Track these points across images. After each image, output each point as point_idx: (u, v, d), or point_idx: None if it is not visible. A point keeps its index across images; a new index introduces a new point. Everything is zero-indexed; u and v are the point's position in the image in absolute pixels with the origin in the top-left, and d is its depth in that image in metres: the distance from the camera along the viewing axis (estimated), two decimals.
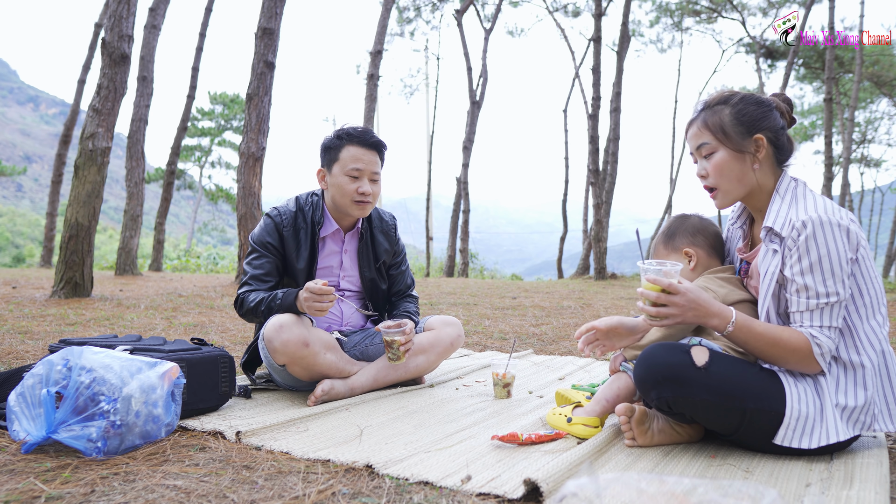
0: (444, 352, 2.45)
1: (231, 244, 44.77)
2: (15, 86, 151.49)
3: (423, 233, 24.81)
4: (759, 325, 1.56)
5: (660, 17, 22.48)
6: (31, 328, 3.76)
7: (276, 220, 2.34)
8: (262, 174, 7.87)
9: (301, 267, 2.33)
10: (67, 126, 14.36)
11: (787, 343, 1.52)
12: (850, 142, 17.65)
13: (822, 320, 1.51)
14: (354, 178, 2.29)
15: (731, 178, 1.65)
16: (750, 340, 1.56)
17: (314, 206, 2.39)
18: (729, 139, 1.64)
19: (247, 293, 2.27)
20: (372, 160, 2.32)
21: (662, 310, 1.55)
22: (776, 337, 1.54)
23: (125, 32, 6.02)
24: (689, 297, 1.54)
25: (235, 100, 37.49)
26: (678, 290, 1.53)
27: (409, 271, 2.65)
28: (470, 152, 16.70)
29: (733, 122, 1.64)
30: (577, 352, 1.86)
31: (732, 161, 1.64)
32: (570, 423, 1.76)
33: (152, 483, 1.34)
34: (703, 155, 1.69)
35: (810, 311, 1.52)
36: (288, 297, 2.16)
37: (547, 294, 7.71)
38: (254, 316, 2.25)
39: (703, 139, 1.67)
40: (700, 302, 1.54)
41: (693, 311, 1.54)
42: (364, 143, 2.31)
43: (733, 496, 0.92)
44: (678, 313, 1.55)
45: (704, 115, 1.69)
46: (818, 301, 1.51)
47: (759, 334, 1.55)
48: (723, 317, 1.55)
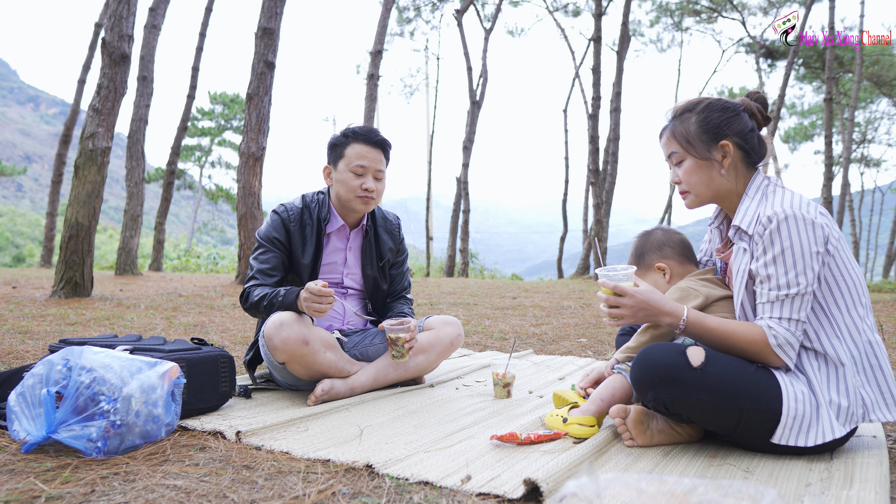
0: (444, 351, 2.45)
1: (231, 244, 44.77)
2: (15, 85, 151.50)
3: (423, 233, 24.81)
4: (712, 320, 1.61)
5: (660, 16, 22.49)
6: (31, 328, 3.76)
7: (282, 216, 2.37)
8: (262, 174, 7.88)
9: (306, 262, 2.36)
10: (67, 126, 14.36)
11: (742, 336, 1.56)
12: (850, 142, 17.66)
13: (781, 311, 1.53)
14: (359, 174, 2.32)
15: (699, 184, 1.71)
16: (704, 335, 1.61)
17: (320, 204, 2.42)
18: (694, 148, 1.69)
19: (252, 287, 2.29)
20: (376, 158, 2.35)
21: (613, 311, 1.66)
22: (730, 331, 1.58)
23: (125, 32, 6.02)
24: (638, 298, 1.62)
25: (235, 100, 37.50)
26: (626, 292, 1.63)
27: (408, 274, 2.68)
28: (470, 152, 16.70)
29: (698, 130, 1.68)
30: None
31: (699, 169, 1.69)
32: (566, 423, 1.76)
33: (152, 483, 1.34)
34: (674, 162, 1.75)
35: (770, 303, 1.54)
36: (290, 295, 2.17)
37: (547, 294, 7.71)
38: (256, 311, 2.27)
39: (672, 148, 1.74)
40: (650, 302, 1.62)
41: (644, 311, 1.63)
42: (369, 141, 2.34)
43: (733, 496, 0.92)
44: (629, 314, 1.64)
45: (672, 125, 1.74)
46: (779, 292, 1.53)
47: (711, 329, 1.60)
48: (674, 315, 1.62)
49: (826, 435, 1.50)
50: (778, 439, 1.51)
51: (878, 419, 1.56)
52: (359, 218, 2.47)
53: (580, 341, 3.90)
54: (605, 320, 1.69)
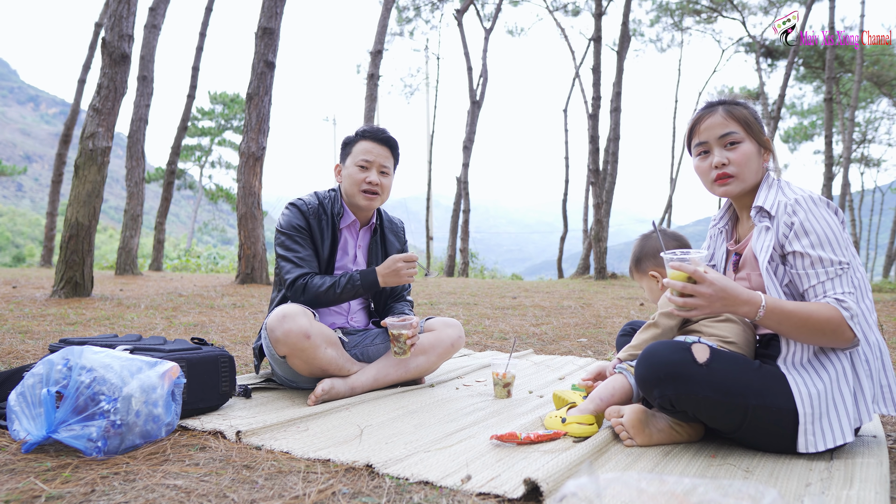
0: (445, 353, 2.45)
1: (231, 244, 44.77)
2: (15, 85, 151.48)
3: (424, 232, 24.81)
4: (789, 304, 1.54)
5: (660, 16, 22.49)
6: (32, 328, 3.76)
7: (301, 207, 2.41)
8: (262, 174, 7.88)
9: (325, 256, 2.40)
10: (68, 126, 14.37)
11: (820, 316, 1.51)
12: (851, 141, 17.65)
13: (843, 286, 1.54)
14: (363, 167, 2.39)
15: (751, 169, 1.70)
16: (783, 321, 1.52)
17: (333, 200, 2.47)
18: (754, 133, 1.71)
19: (307, 277, 2.30)
20: (382, 154, 2.42)
21: (689, 300, 1.50)
22: (808, 312, 1.51)
23: (125, 32, 6.02)
24: (717, 286, 1.48)
25: (235, 99, 37.50)
26: (704, 278, 1.48)
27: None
28: (470, 152, 16.70)
29: (754, 118, 1.72)
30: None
31: (755, 154, 1.71)
32: (565, 423, 1.76)
33: (152, 483, 1.34)
34: (726, 143, 1.71)
35: (831, 280, 1.54)
36: (369, 275, 2.29)
37: (547, 294, 7.71)
38: (324, 300, 2.29)
39: (730, 128, 1.71)
40: (728, 290, 1.49)
41: (721, 301, 1.49)
42: (376, 139, 2.42)
43: (733, 496, 0.92)
44: (706, 304, 1.49)
45: (726, 107, 1.73)
46: (833, 268, 1.54)
47: (790, 313, 1.51)
48: (753, 303, 1.51)
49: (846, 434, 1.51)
50: (803, 448, 1.51)
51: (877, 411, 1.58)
52: (368, 216, 2.51)
53: (580, 341, 3.90)
54: (674, 309, 1.56)
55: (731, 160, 1.70)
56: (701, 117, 1.75)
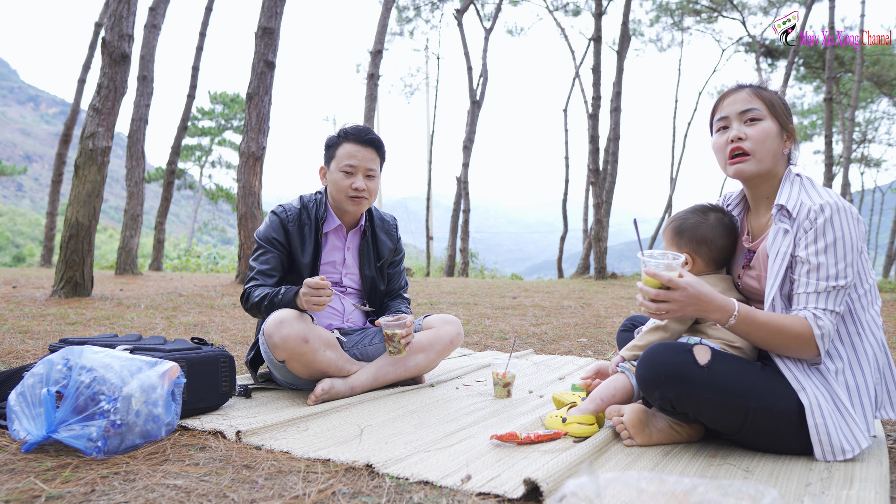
0: (444, 350, 2.45)
1: (231, 244, 44.76)
2: (15, 85, 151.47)
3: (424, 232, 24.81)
4: (762, 314, 1.56)
5: (660, 16, 22.47)
6: (32, 327, 3.76)
7: (280, 216, 2.39)
8: (262, 174, 7.88)
9: (306, 262, 2.37)
10: (68, 125, 14.35)
11: (790, 329, 1.52)
12: (851, 141, 17.65)
13: (826, 303, 1.53)
14: (348, 173, 2.34)
15: (768, 149, 1.66)
16: (752, 331, 1.55)
17: (318, 203, 2.45)
18: (778, 114, 1.68)
19: (252, 288, 2.31)
20: (367, 157, 2.35)
21: (661, 306, 1.53)
22: (779, 325, 1.53)
23: (125, 32, 6.02)
24: (690, 292, 1.51)
25: (235, 99, 37.48)
26: (678, 285, 1.50)
27: (405, 275, 2.70)
28: (470, 152, 16.70)
29: (781, 103, 1.70)
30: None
31: (775, 134, 1.67)
32: (566, 423, 1.76)
33: (152, 482, 1.34)
34: (746, 119, 1.68)
35: (817, 293, 1.53)
36: (288, 293, 2.19)
37: (547, 294, 7.71)
38: (257, 311, 2.28)
39: (753, 104, 1.68)
40: (701, 296, 1.51)
41: (693, 306, 1.53)
42: (360, 141, 2.35)
43: (733, 496, 0.92)
44: (677, 308, 1.52)
45: (753, 88, 1.72)
46: (827, 283, 1.52)
47: (762, 324, 1.54)
48: (725, 310, 1.54)
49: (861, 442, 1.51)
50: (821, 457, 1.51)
51: (883, 416, 1.59)
52: (355, 218, 2.48)
53: (580, 341, 3.90)
54: (645, 312, 1.57)
55: (749, 135, 1.66)
56: (726, 94, 1.74)
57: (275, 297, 2.20)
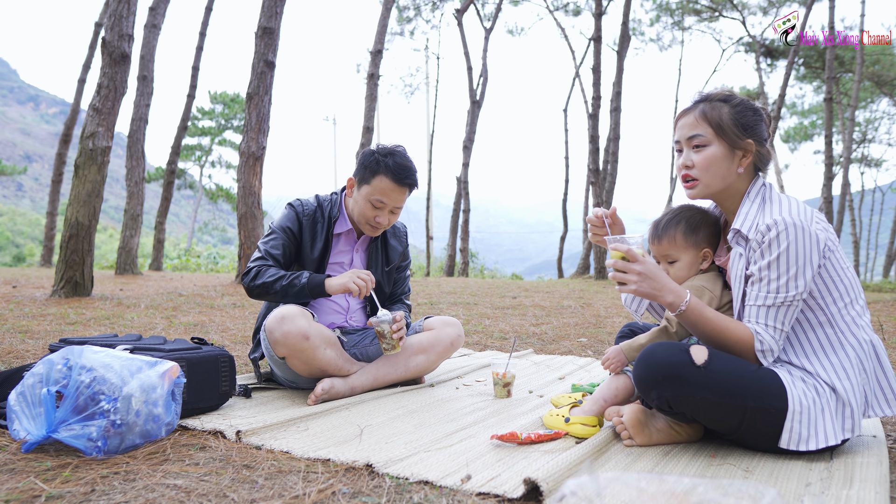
0: (444, 351, 2.45)
1: (231, 243, 44.76)
2: (15, 85, 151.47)
3: (424, 232, 24.81)
4: (710, 311, 1.61)
5: (660, 15, 22.46)
6: (32, 327, 3.76)
7: (297, 209, 2.42)
8: (262, 173, 7.87)
9: (314, 258, 2.39)
10: (68, 125, 14.35)
11: (732, 334, 1.58)
12: (851, 141, 17.65)
13: (768, 319, 1.55)
14: (376, 207, 2.34)
15: (715, 174, 1.67)
16: (699, 323, 1.61)
17: (333, 204, 2.46)
18: (725, 136, 1.65)
19: (263, 267, 2.30)
20: (399, 197, 2.35)
21: (620, 275, 1.61)
22: (723, 326, 1.59)
23: (125, 32, 6.02)
24: (648, 267, 1.59)
25: (236, 99, 37.47)
26: (637, 258, 1.59)
27: (409, 282, 2.71)
28: (470, 152, 16.70)
29: (732, 121, 1.65)
30: (592, 239, 1.88)
31: (722, 158, 1.66)
32: (568, 422, 1.76)
33: (152, 482, 1.34)
34: (693, 145, 1.69)
35: (758, 307, 1.56)
36: (315, 277, 2.22)
37: (547, 293, 7.71)
38: (266, 291, 2.26)
39: (698, 130, 1.68)
40: (657, 276, 1.60)
41: (649, 283, 1.59)
42: (398, 180, 2.32)
43: (733, 495, 0.92)
44: (635, 281, 1.59)
45: (703, 108, 1.69)
46: (768, 296, 1.54)
47: (707, 319, 1.60)
48: (678, 295, 1.60)
49: (829, 439, 1.51)
50: (786, 444, 1.52)
51: (875, 415, 1.59)
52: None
53: (580, 341, 3.90)
54: (616, 288, 1.66)
55: (695, 163, 1.67)
56: (680, 114, 1.75)
57: (296, 279, 2.21)
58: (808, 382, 1.55)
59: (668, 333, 1.76)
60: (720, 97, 1.69)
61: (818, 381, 1.55)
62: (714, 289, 1.74)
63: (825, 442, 1.51)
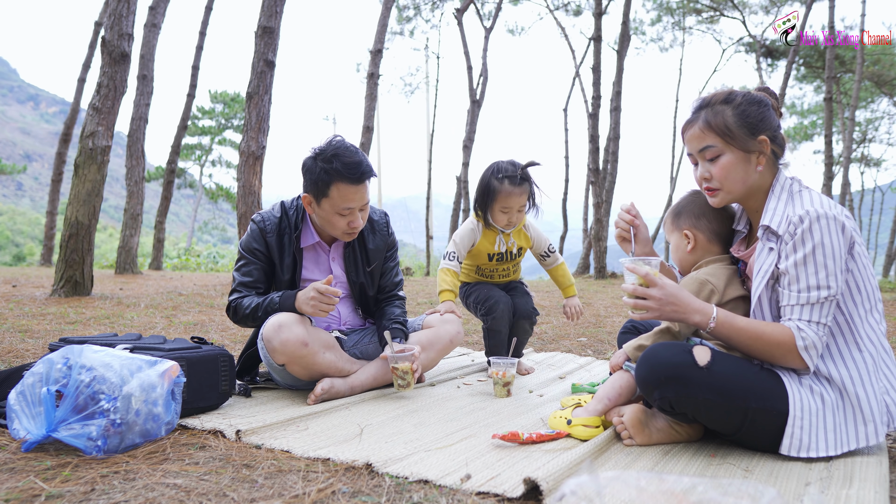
0: (444, 349, 2.45)
1: (231, 243, 44.77)
2: (15, 84, 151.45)
3: (424, 232, 24.81)
4: (742, 319, 1.57)
5: (661, 15, 22.45)
6: (32, 327, 3.76)
7: (259, 225, 2.30)
8: (262, 173, 7.87)
9: (285, 279, 2.30)
10: (67, 125, 14.34)
11: (771, 337, 1.53)
12: (851, 141, 17.65)
13: (811, 315, 1.51)
14: (346, 215, 2.21)
15: (735, 181, 1.63)
16: (733, 336, 1.56)
17: (298, 211, 2.34)
18: (735, 140, 1.61)
19: (239, 299, 2.25)
20: (363, 195, 2.20)
21: (640, 302, 1.57)
22: (759, 331, 1.54)
23: (125, 31, 6.01)
24: (668, 291, 1.56)
25: (236, 98, 37.47)
26: (655, 282, 1.56)
27: (399, 268, 2.58)
28: (470, 151, 16.69)
29: (737, 123, 1.61)
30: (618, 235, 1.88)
31: (738, 163, 1.62)
32: (570, 424, 1.75)
33: (152, 481, 1.34)
34: (707, 158, 1.65)
35: (800, 306, 1.52)
36: (287, 299, 2.15)
37: (547, 293, 7.71)
38: (251, 321, 2.23)
39: (707, 142, 1.64)
40: (679, 298, 1.57)
41: (672, 307, 1.56)
42: (353, 180, 2.15)
43: (733, 495, 0.92)
44: (656, 306, 1.57)
45: (706, 116, 1.64)
46: (809, 294, 1.51)
47: (741, 329, 1.56)
48: (704, 313, 1.57)
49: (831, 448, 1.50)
50: (787, 450, 1.51)
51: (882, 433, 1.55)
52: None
53: (580, 340, 3.90)
54: (630, 313, 1.62)
55: (713, 174, 1.64)
56: (684, 127, 1.71)
57: (269, 305, 2.17)
58: (815, 390, 1.53)
59: (670, 333, 1.76)
60: (721, 99, 1.65)
61: (831, 387, 1.53)
62: (717, 282, 1.72)
63: (826, 451, 1.50)
